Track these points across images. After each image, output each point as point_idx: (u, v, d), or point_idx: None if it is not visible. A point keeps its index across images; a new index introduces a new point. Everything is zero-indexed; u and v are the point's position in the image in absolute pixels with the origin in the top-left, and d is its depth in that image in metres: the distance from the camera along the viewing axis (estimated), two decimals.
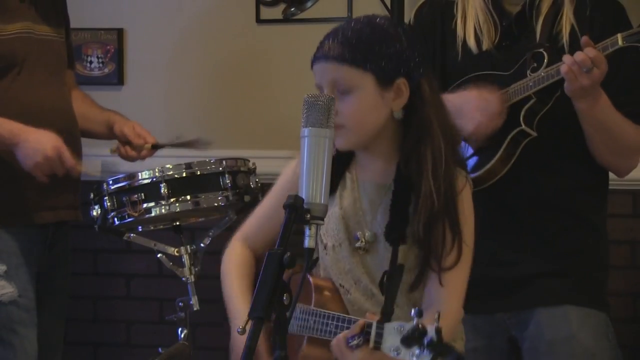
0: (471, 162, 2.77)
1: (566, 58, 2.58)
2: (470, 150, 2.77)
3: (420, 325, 1.90)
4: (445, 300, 2.26)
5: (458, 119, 2.65)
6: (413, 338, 1.90)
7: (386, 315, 2.18)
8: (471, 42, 2.78)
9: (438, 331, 1.89)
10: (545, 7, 2.75)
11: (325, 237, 2.36)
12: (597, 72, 2.56)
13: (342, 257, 2.33)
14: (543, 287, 2.74)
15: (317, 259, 2.39)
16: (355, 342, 2.05)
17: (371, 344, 2.03)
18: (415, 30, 2.88)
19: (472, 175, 2.70)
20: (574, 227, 2.77)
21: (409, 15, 3.73)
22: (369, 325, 2.05)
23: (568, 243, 2.76)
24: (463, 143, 2.76)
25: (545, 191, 2.76)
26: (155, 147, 3.28)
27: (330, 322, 2.19)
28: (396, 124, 2.31)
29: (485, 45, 2.77)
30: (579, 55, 2.55)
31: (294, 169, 2.40)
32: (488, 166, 2.72)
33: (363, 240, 2.32)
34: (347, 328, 2.14)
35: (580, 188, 2.78)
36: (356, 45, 2.25)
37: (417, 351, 1.90)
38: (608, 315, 2.79)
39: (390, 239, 2.28)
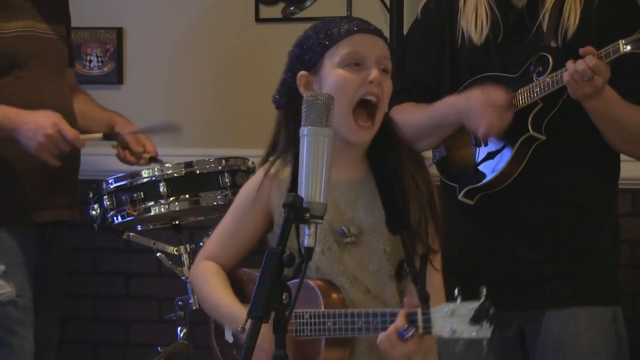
0: (482, 167, 2.77)
1: (569, 65, 2.58)
2: (481, 156, 2.78)
3: (487, 303, 2.01)
4: (439, 284, 2.36)
5: (467, 122, 2.69)
6: (482, 316, 2.02)
7: (424, 300, 2.20)
8: (475, 37, 2.79)
9: (493, 304, 2.01)
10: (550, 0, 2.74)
11: None
12: (599, 79, 2.56)
13: (334, 259, 2.34)
14: (554, 289, 2.77)
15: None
16: (410, 333, 2.13)
17: (420, 330, 2.12)
18: (424, 28, 2.89)
19: (484, 181, 2.72)
20: (586, 223, 2.79)
21: (408, 16, 3.74)
22: (413, 314, 2.13)
23: (580, 241, 2.78)
24: (474, 149, 2.78)
25: (557, 188, 2.77)
26: (153, 160, 3.25)
27: (356, 319, 2.21)
28: None
29: (486, 38, 2.77)
30: (579, 65, 2.55)
31: (253, 187, 2.42)
32: (500, 171, 2.73)
33: (349, 233, 2.35)
34: (382, 321, 2.18)
35: (592, 181, 2.80)
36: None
37: (477, 326, 2.02)
38: (619, 305, 2.82)
39: (394, 230, 2.33)
